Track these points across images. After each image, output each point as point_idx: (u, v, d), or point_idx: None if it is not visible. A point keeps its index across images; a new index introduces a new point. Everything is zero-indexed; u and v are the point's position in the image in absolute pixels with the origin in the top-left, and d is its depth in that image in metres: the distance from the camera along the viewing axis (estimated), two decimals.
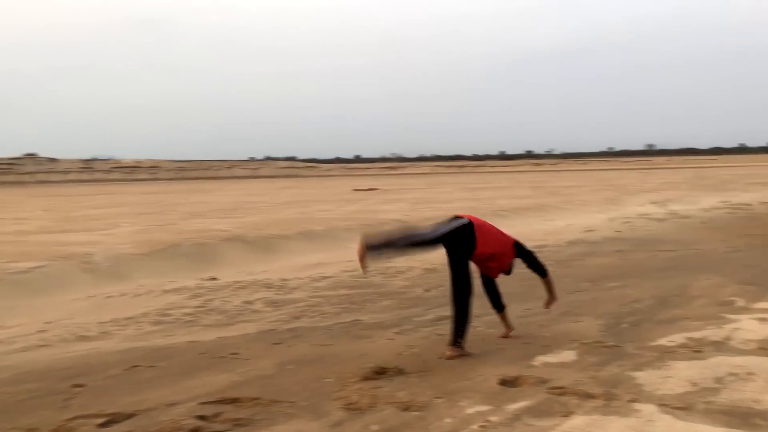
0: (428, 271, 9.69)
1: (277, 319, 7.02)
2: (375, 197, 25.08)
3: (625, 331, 5.86)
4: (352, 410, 4.07)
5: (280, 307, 7.57)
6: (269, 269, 10.02)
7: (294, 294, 8.27)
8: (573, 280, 8.68)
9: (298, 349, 5.61)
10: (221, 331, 6.59)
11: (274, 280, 9.06)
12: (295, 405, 4.20)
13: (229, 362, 5.26)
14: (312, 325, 6.64)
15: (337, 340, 5.89)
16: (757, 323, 5.86)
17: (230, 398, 4.35)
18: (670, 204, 20.72)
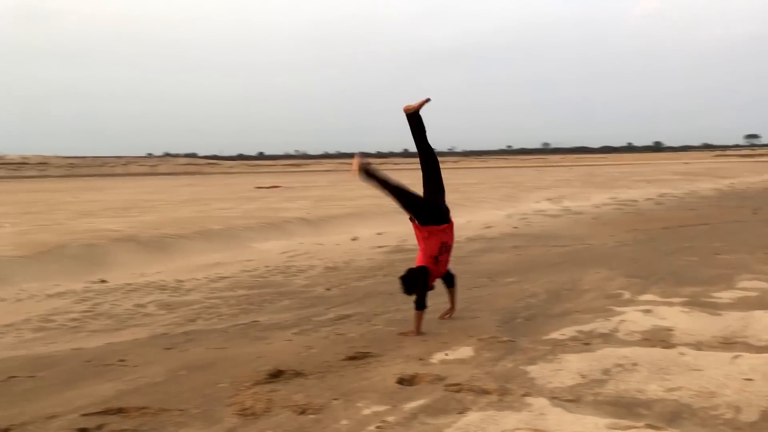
0: (330, 269, 9.62)
1: (171, 322, 6.74)
2: (277, 195, 24.71)
3: (520, 326, 5.99)
4: (246, 416, 3.94)
5: (174, 309, 7.28)
6: (164, 270, 9.64)
7: (189, 296, 7.99)
8: (471, 276, 8.82)
9: (192, 354, 5.40)
10: (109, 336, 6.26)
11: (168, 282, 8.72)
12: (186, 413, 4.02)
13: (117, 370, 5.00)
14: (207, 328, 6.42)
15: (234, 343, 5.71)
16: (641, 315, 6.13)
17: (115, 408, 4.12)
18: (564, 200, 21.54)
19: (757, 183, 32.70)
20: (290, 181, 41.85)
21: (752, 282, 7.61)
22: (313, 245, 11.82)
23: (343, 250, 11.32)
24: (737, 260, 9.30)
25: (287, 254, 10.88)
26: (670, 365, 4.52)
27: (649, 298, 6.91)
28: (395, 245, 11.89)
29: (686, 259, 9.58)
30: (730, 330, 5.52)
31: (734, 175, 39.52)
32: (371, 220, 15.07)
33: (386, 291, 7.95)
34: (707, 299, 6.79)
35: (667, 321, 5.89)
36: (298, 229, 13.20)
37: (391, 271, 9.43)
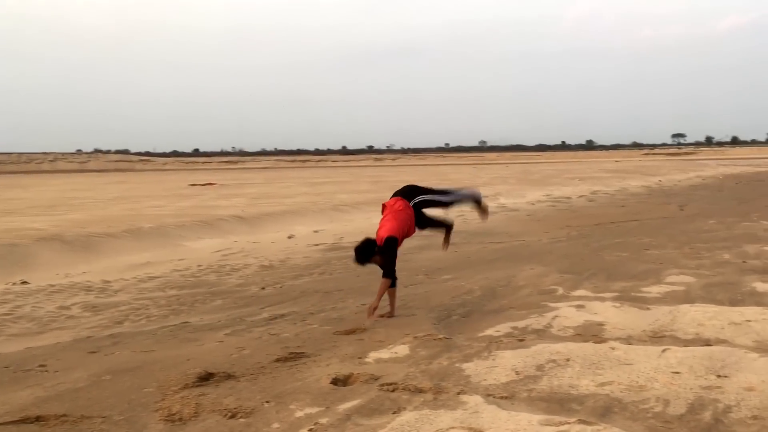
0: (265, 268, 9.44)
1: (97, 324, 6.47)
2: (212, 192, 24.22)
3: (456, 323, 5.99)
4: (174, 422, 3.79)
5: (101, 311, 6.99)
6: (90, 270, 9.26)
7: (117, 297, 7.69)
8: (408, 273, 8.79)
9: (118, 357, 5.18)
10: (30, 340, 5.95)
11: (95, 283, 8.38)
12: (109, 420, 3.84)
13: (36, 375, 4.75)
14: (135, 330, 6.18)
15: (162, 345, 5.51)
16: (574, 310, 6.20)
17: (33, 417, 3.90)
18: (500, 198, 21.82)
19: (683, 180, 33.94)
20: (226, 179, 41.19)
21: (679, 276, 7.82)
22: (248, 243, 11.59)
23: (279, 249, 11.14)
24: (665, 255, 9.57)
25: (221, 253, 10.63)
26: (602, 360, 4.57)
27: (581, 294, 7.02)
28: (332, 243, 11.78)
29: (617, 255, 9.80)
30: (658, 324, 5.64)
31: (662, 173, 40.93)
32: (308, 217, 14.93)
33: (322, 289, 7.85)
34: (637, 294, 6.95)
35: (599, 316, 5.98)
36: (232, 227, 12.93)
37: (328, 269, 9.34)
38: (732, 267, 8.46)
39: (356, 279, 8.47)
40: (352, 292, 7.64)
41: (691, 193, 24.15)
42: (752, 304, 6.36)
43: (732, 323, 5.50)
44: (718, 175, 39.87)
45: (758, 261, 8.83)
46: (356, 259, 6.24)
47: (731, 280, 7.53)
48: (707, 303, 6.38)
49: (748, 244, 10.28)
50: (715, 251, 9.80)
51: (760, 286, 7.08)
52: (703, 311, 5.92)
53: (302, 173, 55.18)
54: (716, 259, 9.08)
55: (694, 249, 10.12)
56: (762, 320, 5.57)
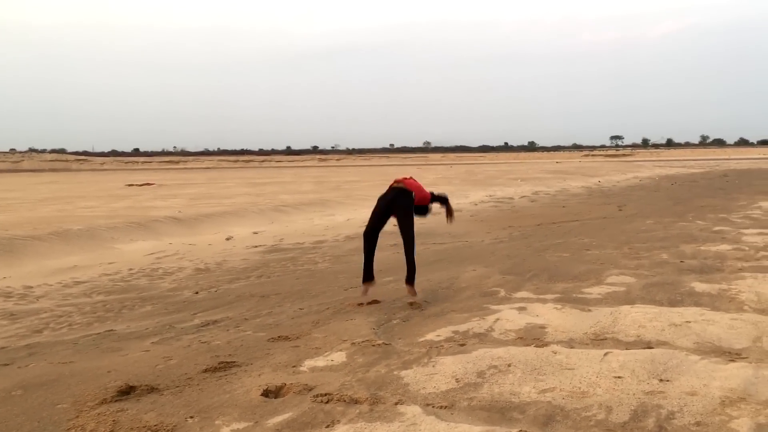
0: (200, 271, 9.08)
1: (13, 334, 6.04)
2: (149, 193, 23.47)
3: (396, 327, 5.80)
4: None
5: (19, 319, 6.55)
6: (11, 275, 8.72)
7: (39, 303, 7.24)
8: (348, 276, 8.59)
9: (32, 370, 4.80)
10: None
11: (15, 288, 7.88)
12: None
13: None
14: (55, 340, 5.79)
15: (83, 356, 5.15)
16: (516, 313, 6.09)
17: None
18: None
19: (621, 181, 34.69)
20: (165, 179, 40.14)
21: (619, 277, 7.82)
22: (184, 245, 11.17)
23: (216, 251, 10.77)
24: (605, 255, 9.60)
25: (154, 255, 10.19)
26: (544, 365, 4.44)
27: (523, 295, 6.92)
28: (271, 245, 11.47)
29: (558, 255, 9.79)
30: (600, 326, 5.56)
31: (601, 173, 41.79)
32: (247, 218, 14.54)
33: (259, 293, 7.56)
34: (578, 295, 6.89)
35: (541, 318, 5.88)
36: (168, 229, 12.45)
37: (266, 272, 9.04)
38: (670, 267, 8.52)
39: (295, 282, 8.22)
40: (290, 296, 7.38)
41: (629, 194, 24.63)
42: (691, 304, 6.37)
43: (672, 324, 5.47)
44: (654, 176, 40.93)
45: (695, 261, 8.93)
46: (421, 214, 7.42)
47: (670, 280, 7.56)
48: (647, 304, 6.37)
49: (685, 244, 10.42)
50: (654, 251, 9.89)
51: (698, 286, 7.11)
52: (644, 312, 5.88)
53: (245, 173, 54.29)
54: (655, 259, 9.14)
55: (633, 249, 10.20)
56: (701, 321, 5.55)
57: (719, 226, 12.90)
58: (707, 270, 8.29)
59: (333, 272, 8.93)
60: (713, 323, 5.53)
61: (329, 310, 6.51)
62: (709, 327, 5.41)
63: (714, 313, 5.87)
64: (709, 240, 10.89)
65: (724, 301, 6.49)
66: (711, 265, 8.65)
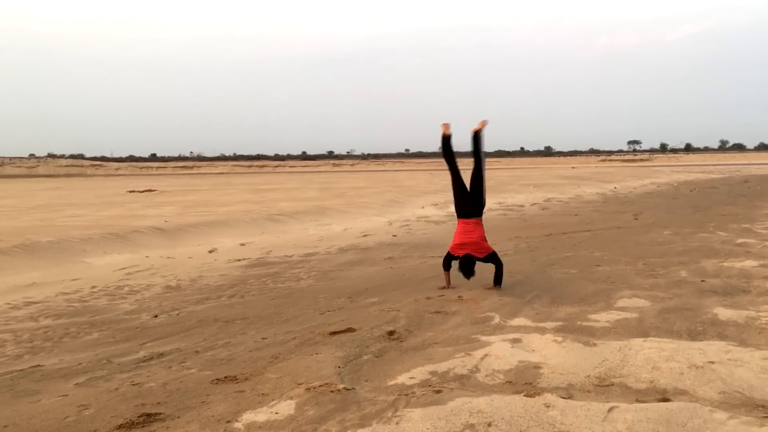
0: (170, 289, 8.28)
1: None
2: (146, 200, 22.79)
3: (366, 365, 4.95)
4: None
5: None
6: None
7: None
8: (330, 295, 7.76)
9: None
10: None
11: None
12: None
13: None
14: None
15: None
16: (508, 347, 5.23)
17: None
18: (450, 206, 20.87)
19: (638, 187, 33.60)
20: (171, 185, 39.58)
21: (631, 300, 6.94)
22: (162, 259, 10.38)
23: (195, 265, 9.96)
24: (617, 272, 8.73)
25: (125, 270, 9.40)
26: (532, 425, 3.58)
27: (520, 323, 6.06)
28: (257, 258, 10.66)
29: (565, 272, 8.92)
30: (606, 366, 4.69)
31: (618, 179, 40.69)
32: (238, 228, 13.75)
33: (224, 317, 6.74)
34: (584, 323, 6.02)
35: (537, 354, 5.03)
36: (148, 240, 11.67)
37: (242, 290, 8.23)
38: (690, 287, 7.63)
39: (269, 303, 7.40)
40: (257, 321, 6.56)
41: (646, 201, 23.62)
42: (714, 336, 5.49)
43: (693, 366, 4.58)
44: (672, 182, 39.78)
45: (717, 280, 8.02)
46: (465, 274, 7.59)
47: (689, 304, 6.67)
48: (663, 336, 5.49)
49: (706, 259, 9.51)
50: (671, 267, 8.99)
51: (721, 312, 6.22)
52: (659, 348, 5.00)
53: (253, 179, 53.70)
54: (672, 277, 8.25)
55: (649, 264, 9.30)
56: (727, 361, 4.66)
57: (743, 237, 11.94)
58: (732, 291, 7.38)
59: (314, 291, 8.11)
60: (742, 364, 4.63)
61: (296, 340, 5.68)
62: (737, 370, 4.52)
63: (742, 350, 4.97)
64: (732, 254, 9.96)
65: (752, 333, 5.59)
66: (736, 285, 7.73)
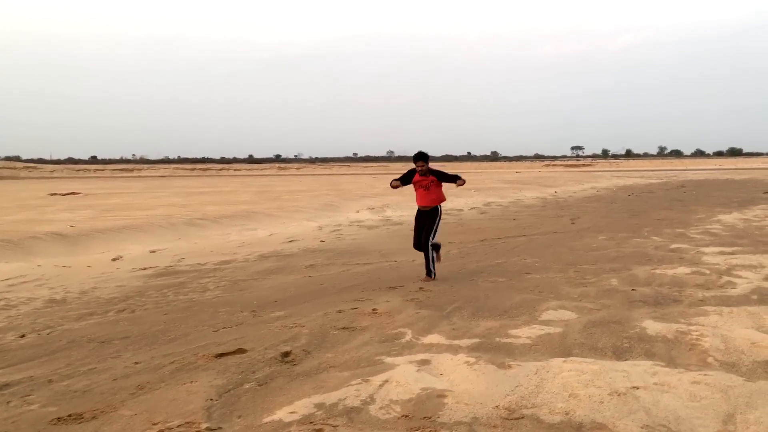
0: (52, 303, 7.38)
1: None
2: (64, 203, 21.45)
3: (244, 396, 4.23)
4: None
5: None
6: None
7: None
8: (233, 309, 7.01)
9: None
10: None
11: None
12: None
13: None
14: None
15: None
16: (414, 370, 4.59)
17: None
18: (387, 210, 20.33)
19: (578, 192, 33.68)
20: (100, 187, 37.90)
21: (557, 312, 6.41)
22: (56, 268, 9.42)
23: (92, 274, 9.05)
24: (546, 281, 8.23)
25: (7, 282, 8.43)
26: None
27: (433, 341, 5.44)
28: (165, 266, 9.80)
29: (493, 281, 8.37)
30: (518, 394, 4.09)
31: (559, 184, 40.84)
32: (152, 234, 12.81)
33: (101, 337, 5.92)
34: (503, 339, 5.44)
35: (444, 380, 4.40)
36: (45, 248, 10.65)
37: (134, 304, 7.39)
38: (619, 296, 7.17)
39: (160, 319, 6.60)
40: (139, 341, 5.76)
41: (585, 205, 23.49)
42: (641, 354, 4.97)
43: (614, 393, 4.02)
44: (612, 186, 40.13)
45: (648, 288, 7.60)
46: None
47: (618, 316, 6.17)
48: (586, 354, 4.95)
49: (639, 266, 9.11)
50: (602, 275, 8.54)
51: (650, 326, 5.73)
52: (579, 371, 4.44)
53: (191, 182, 52.12)
54: (602, 286, 7.79)
55: (580, 272, 8.84)
56: (653, 387, 4.12)
57: (677, 242, 11.65)
58: (663, 301, 6.93)
59: (217, 304, 7.35)
60: (669, 390, 4.10)
61: (173, 364, 4.92)
62: (663, 397, 3.97)
63: (670, 372, 4.45)
64: (665, 261, 9.59)
65: (682, 350, 5.09)
66: (667, 294, 7.30)
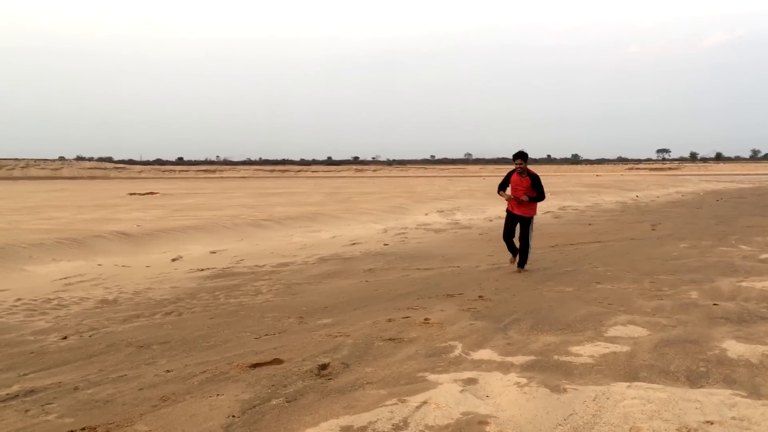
0: (103, 303, 7.31)
1: None
2: (140, 202, 21.98)
3: (269, 414, 3.92)
4: None
5: None
6: None
7: None
8: (280, 314, 6.75)
9: None
10: None
11: None
12: None
13: None
14: None
15: None
16: (457, 390, 4.17)
17: None
18: (457, 213, 19.83)
19: (661, 196, 32.17)
20: (179, 188, 38.89)
21: (626, 327, 5.84)
22: (115, 267, 9.44)
23: (149, 275, 9.00)
24: (617, 292, 7.61)
25: (65, 281, 8.47)
26: None
27: (484, 356, 4.99)
28: (222, 268, 9.67)
29: (559, 290, 7.82)
30: (571, 424, 3.61)
31: (641, 188, 39.21)
32: (215, 234, 12.79)
33: (140, 342, 5.75)
34: (562, 357, 4.94)
35: (489, 403, 3.96)
36: (108, 247, 10.73)
37: (182, 307, 7.23)
38: (699, 312, 6.50)
39: (205, 323, 6.40)
40: (178, 347, 5.56)
41: (668, 211, 22.29)
42: (719, 381, 4.37)
43: (683, 428, 3.49)
44: (698, 191, 38.21)
45: (732, 303, 6.87)
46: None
47: (695, 334, 5.55)
48: (655, 379, 4.39)
49: (723, 277, 8.35)
50: (681, 287, 7.84)
51: (732, 347, 5.10)
52: (644, 399, 3.91)
53: (267, 183, 52.94)
54: (680, 299, 7.11)
55: (656, 283, 8.15)
56: (729, 423, 3.56)
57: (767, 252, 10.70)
58: (748, 318, 6.22)
59: (265, 309, 7.11)
60: (749, 427, 3.53)
61: (205, 374, 4.67)
62: None
63: (752, 405, 3.86)
64: (753, 272, 8.76)
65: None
66: (754, 310, 6.56)
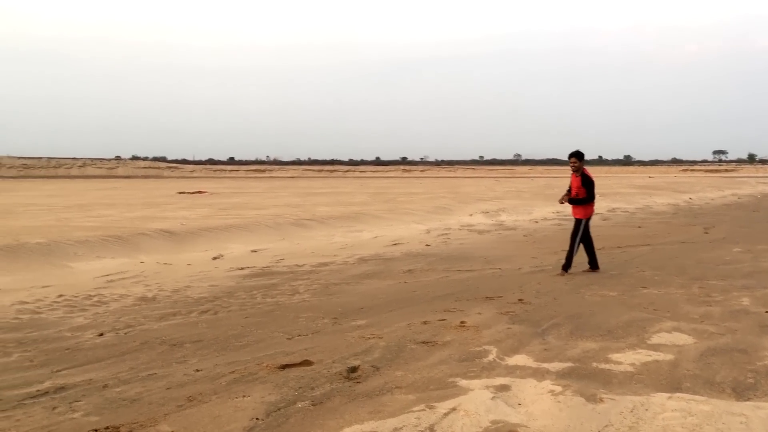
0: (142, 301, 7.37)
1: None
2: (188, 201, 22.32)
3: (294, 417, 3.84)
4: None
5: None
6: None
7: None
8: (315, 315, 6.69)
9: None
10: None
11: None
12: None
13: None
14: None
15: None
16: (488, 396, 4.03)
17: None
18: (502, 214, 19.54)
19: (716, 199, 31.19)
20: (227, 187, 39.43)
21: (671, 335, 5.60)
22: (157, 265, 9.54)
23: (189, 273, 9.07)
24: (664, 297, 7.33)
25: (107, 278, 8.58)
26: None
27: (518, 362, 4.84)
28: (263, 266, 9.69)
29: (601, 294, 7.58)
30: None
31: (695, 190, 38.10)
32: (257, 233, 12.85)
33: (173, 340, 5.75)
34: (600, 365, 4.75)
35: (521, 411, 3.81)
36: (151, 244, 10.87)
37: (219, 306, 7.24)
38: (750, 320, 6.20)
39: (239, 322, 6.39)
40: (210, 345, 5.55)
41: (722, 214, 21.57)
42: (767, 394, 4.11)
43: None
44: (756, 193, 36.94)
45: None
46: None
47: (744, 343, 5.29)
48: (699, 389, 4.18)
49: None
50: (732, 293, 7.51)
51: None
52: (685, 412, 3.70)
53: (314, 183, 53.31)
54: (730, 306, 6.81)
55: (705, 288, 7.83)
56: None
57: None
58: None
59: (301, 309, 7.07)
60: None
61: (234, 374, 4.63)
62: None
63: None
64: None
65: None
66: None
